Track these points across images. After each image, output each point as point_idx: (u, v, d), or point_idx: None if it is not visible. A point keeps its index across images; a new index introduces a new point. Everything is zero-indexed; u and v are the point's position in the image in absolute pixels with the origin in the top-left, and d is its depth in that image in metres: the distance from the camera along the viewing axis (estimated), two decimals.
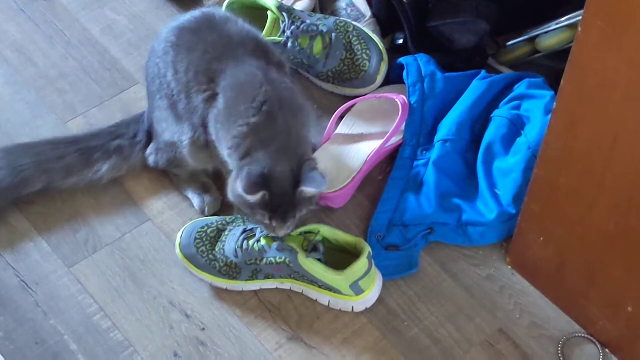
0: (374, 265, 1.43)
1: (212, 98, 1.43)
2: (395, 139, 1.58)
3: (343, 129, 1.61)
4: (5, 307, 1.44)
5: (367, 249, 1.41)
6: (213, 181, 1.57)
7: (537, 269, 1.45)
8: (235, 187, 1.35)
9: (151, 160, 1.55)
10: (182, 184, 1.56)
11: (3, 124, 1.65)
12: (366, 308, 1.44)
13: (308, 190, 1.34)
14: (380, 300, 1.45)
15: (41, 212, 1.54)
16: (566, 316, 1.44)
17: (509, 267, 1.49)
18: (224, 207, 1.55)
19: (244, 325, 1.43)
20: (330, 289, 1.42)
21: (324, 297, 1.44)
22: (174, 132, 1.49)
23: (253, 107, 1.37)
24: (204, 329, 1.43)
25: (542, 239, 1.39)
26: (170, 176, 1.58)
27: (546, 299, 1.46)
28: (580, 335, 1.42)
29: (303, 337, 1.42)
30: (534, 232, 1.40)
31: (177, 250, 1.47)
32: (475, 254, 1.51)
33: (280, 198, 1.35)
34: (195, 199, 1.55)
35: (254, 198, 1.33)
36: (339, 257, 1.44)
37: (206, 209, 1.54)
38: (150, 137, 1.56)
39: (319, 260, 1.41)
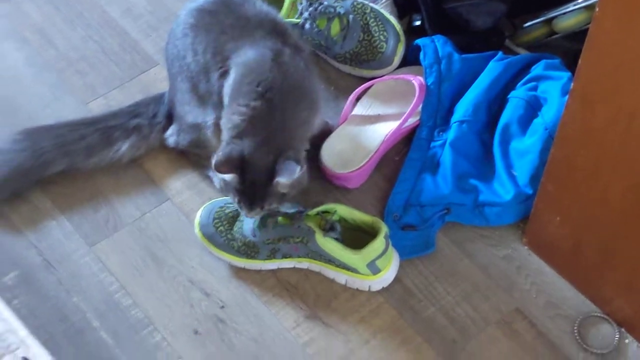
0: (390, 245, 1.44)
1: (225, 74, 1.44)
2: (412, 120, 1.59)
3: (360, 110, 1.62)
4: (29, 285, 1.46)
5: (384, 229, 1.42)
6: None
7: (553, 249, 1.46)
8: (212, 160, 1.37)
9: (172, 141, 1.57)
10: (203, 163, 1.57)
11: (24, 105, 1.67)
12: (383, 287, 1.46)
13: (283, 181, 1.35)
14: (397, 279, 1.46)
15: (63, 191, 1.56)
16: (582, 296, 1.45)
17: (526, 247, 1.50)
18: None
19: (262, 304, 1.45)
20: (347, 268, 1.44)
21: (341, 276, 1.46)
22: (197, 115, 1.51)
23: (256, 91, 1.38)
24: (223, 307, 1.45)
25: (558, 218, 1.40)
26: (189, 156, 1.59)
27: (562, 279, 1.47)
28: (596, 314, 1.43)
29: (320, 316, 1.44)
30: (550, 212, 1.41)
31: (196, 229, 1.49)
32: (491, 234, 1.52)
33: (252, 185, 1.36)
34: (215, 178, 1.57)
35: (221, 176, 1.36)
36: (356, 237, 1.45)
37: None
38: (170, 118, 1.58)
39: (336, 239, 1.43)
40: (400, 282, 1.47)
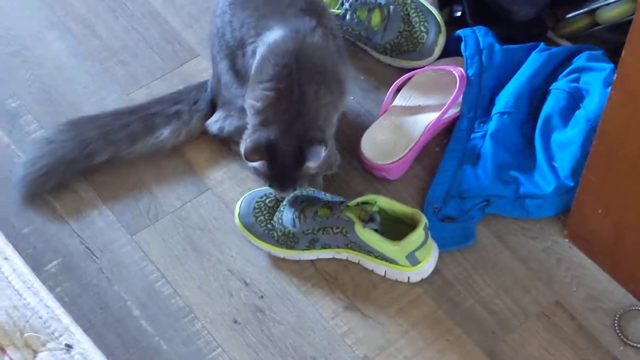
0: (430, 236, 1.44)
1: (256, 51, 1.45)
2: (453, 111, 1.59)
3: (400, 101, 1.62)
4: (71, 273, 1.48)
5: (424, 220, 1.42)
6: None
7: (594, 242, 1.44)
8: (241, 149, 1.39)
9: (215, 128, 1.57)
10: None
11: (68, 94, 1.69)
12: (422, 279, 1.46)
13: (311, 165, 1.36)
14: (436, 271, 1.46)
15: (105, 181, 1.58)
16: (623, 289, 1.44)
17: (566, 239, 1.49)
18: None
19: (301, 294, 1.46)
20: (386, 259, 1.44)
21: (380, 267, 1.46)
22: (237, 96, 1.51)
23: (278, 72, 1.38)
24: (262, 296, 1.46)
25: (600, 211, 1.39)
26: (230, 145, 1.60)
27: (603, 272, 1.46)
28: (636, 308, 1.42)
29: (359, 306, 1.44)
30: (592, 204, 1.40)
31: (236, 219, 1.50)
32: (532, 227, 1.51)
33: (282, 170, 1.37)
34: None
35: (251, 164, 1.37)
36: (396, 228, 1.45)
37: None
38: (214, 107, 1.59)
39: (376, 230, 1.43)
40: (440, 274, 1.47)
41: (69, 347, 1.17)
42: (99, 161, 1.56)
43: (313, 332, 1.42)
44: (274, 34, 1.41)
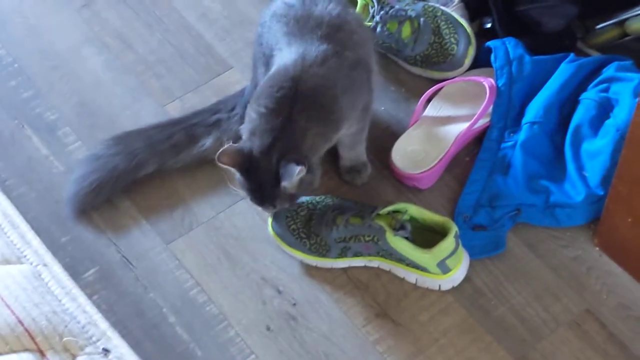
0: (460, 245, 1.45)
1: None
2: (483, 122, 1.60)
3: (431, 111, 1.64)
4: (108, 281, 1.52)
5: (454, 228, 1.43)
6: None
7: (625, 250, 1.45)
8: None
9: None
10: None
11: (105, 106, 1.73)
12: (453, 287, 1.47)
13: (287, 185, 1.36)
14: (467, 279, 1.48)
15: (141, 191, 1.61)
16: None
17: (597, 248, 1.50)
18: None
19: (333, 301, 1.48)
20: (417, 267, 1.46)
21: (411, 275, 1.48)
22: None
23: (274, 95, 1.38)
24: (294, 304, 1.48)
25: (630, 220, 1.39)
26: None
27: (634, 281, 1.46)
28: None
29: (390, 314, 1.46)
30: (621, 213, 1.40)
31: (269, 228, 1.53)
32: (562, 235, 1.52)
33: (259, 185, 1.39)
34: None
35: (223, 167, 1.38)
36: (426, 237, 1.47)
37: None
38: None
39: (407, 238, 1.45)
40: (471, 282, 1.48)
41: (106, 351, 1.20)
42: (147, 172, 1.59)
43: (345, 339, 1.44)
44: (287, 56, 1.43)
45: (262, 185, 1.39)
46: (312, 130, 1.39)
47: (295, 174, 1.34)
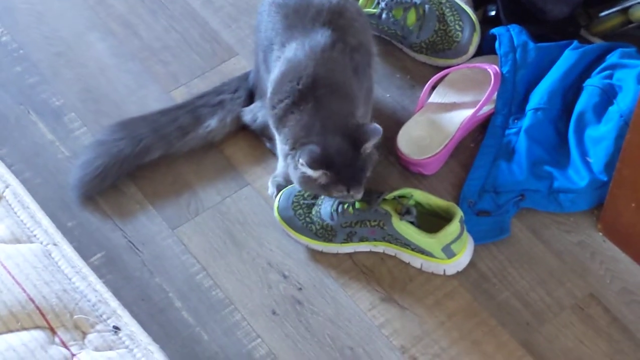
0: (465, 230, 1.46)
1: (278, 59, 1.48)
2: (487, 108, 1.61)
3: (436, 98, 1.64)
4: (114, 265, 1.52)
5: (459, 213, 1.44)
6: None
7: (628, 236, 1.46)
8: (297, 169, 1.40)
9: (248, 117, 1.60)
10: (275, 146, 1.58)
11: (111, 93, 1.73)
12: (457, 271, 1.48)
13: (369, 145, 1.38)
14: (471, 264, 1.49)
15: (147, 176, 1.61)
16: None
17: (600, 233, 1.51)
18: None
19: (338, 286, 1.49)
20: (422, 251, 1.47)
21: (416, 260, 1.49)
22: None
23: (297, 89, 1.41)
24: (300, 288, 1.49)
25: (633, 205, 1.40)
26: (264, 141, 1.62)
27: (638, 266, 1.47)
28: None
29: (396, 298, 1.47)
30: (625, 198, 1.41)
31: (275, 213, 1.53)
32: (566, 221, 1.53)
33: (347, 168, 1.38)
34: (270, 184, 1.58)
35: (317, 174, 1.37)
36: (432, 222, 1.48)
37: None
38: (252, 96, 1.63)
39: (412, 223, 1.45)
40: (475, 267, 1.49)
41: (116, 329, 1.20)
42: (153, 157, 1.59)
43: (350, 323, 1.45)
44: (295, 49, 1.44)
45: (349, 168, 1.39)
46: (343, 108, 1.42)
47: (379, 130, 1.37)
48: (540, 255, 1.50)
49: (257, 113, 1.60)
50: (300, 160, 1.37)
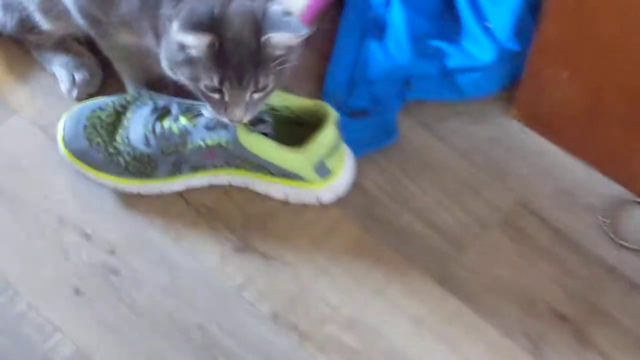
0: (342, 138, 1.04)
1: None
2: None
3: None
4: None
5: (333, 113, 1.02)
6: (89, 51, 1.14)
7: (557, 119, 1.09)
8: (171, 35, 0.92)
9: None
10: (45, 55, 1.14)
11: None
12: (337, 196, 1.06)
13: (278, 37, 0.91)
14: (354, 185, 1.07)
15: None
16: (603, 176, 1.09)
17: (516, 120, 1.13)
18: (106, 88, 1.13)
19: (170, 240, 1.04)
20: (286, 175, 1.03)
21: (278, 188, 1.05)
22: None
23: None
24: (112, 251, 1.03)
25: (566, 73, 1.03)
26: (30, 51, 1.16)
27: (572, 158, 1.10)
28: (627, 198, 1.08)
29: (255, 245, 1.04)
30: (553, 66, 1.04)
31: (61, 147, 1.05)
32: (469, 110, 1.14)
33: (237, 53, 0.92)
34: (63, 77, 1.14)
35: (197, 42, 0.90)
36: (293, 132, 1.04)
37: (76, 91, 1.12)
38: None
39: (266, 135, 1.02)
40: (359, 187, 1.08)
41: None
42: None
43: (195, 291, 1.01)
44: None
45: (239, 55, 0.91)
46: None
47: (300, 28, 0.91)
48: (442, 159, 1.10)
49: (5, 16, 1.13)
50: (177, 23, 0.89)
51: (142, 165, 1.04)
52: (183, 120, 1.03)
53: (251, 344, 0.98)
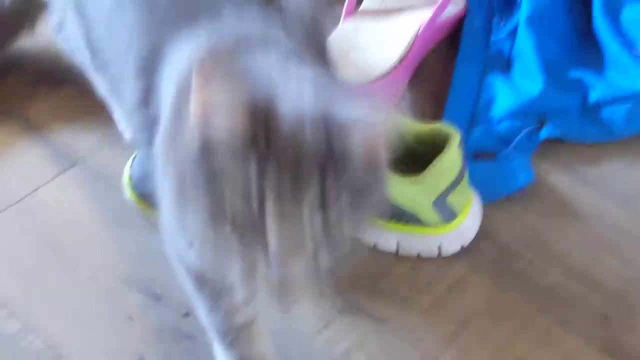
0: (467, 171, 0.84)
1: None
2: (453, 9, 1.03)
3: (370, 3, 1.05)
4: None
5: (456, 135, 0.82)
6: None
7: None
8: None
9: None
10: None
11: None
12: (461, 247, 0.85)
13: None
14: (482, 234, 0.86)
15: None
16: None
17: None
18: None
19: None
20: (399, 216, 0.83)
21: (388, 237, 0.85)
22: None
23: None
24: (187, 313, 0.82)
25: None
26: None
27: None
28: None
29: (363, 306, 0.82)
30: None
31: (127, 189, 0.88)
32: (620, 148, 0.93)
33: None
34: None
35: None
36: (410, 159, 0.85)
37: None
38: None
39: None
40: (488, 237, 0.86)
41: None
42: None
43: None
44: None
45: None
46: None
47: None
48: (593, 207, 0.88)
49: None
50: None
51: None
52: None
53: None
